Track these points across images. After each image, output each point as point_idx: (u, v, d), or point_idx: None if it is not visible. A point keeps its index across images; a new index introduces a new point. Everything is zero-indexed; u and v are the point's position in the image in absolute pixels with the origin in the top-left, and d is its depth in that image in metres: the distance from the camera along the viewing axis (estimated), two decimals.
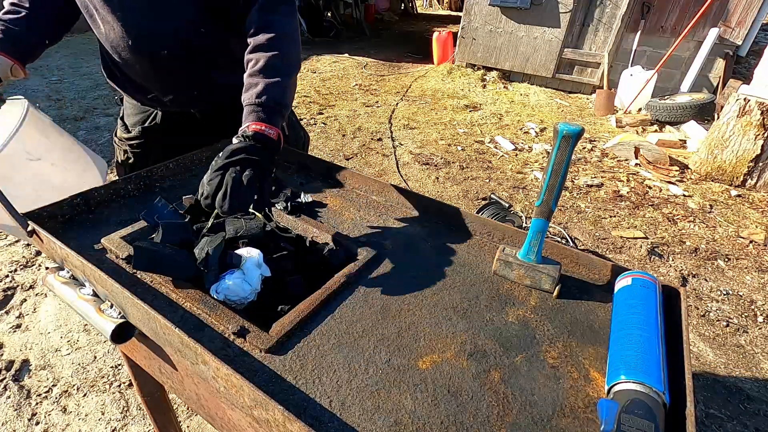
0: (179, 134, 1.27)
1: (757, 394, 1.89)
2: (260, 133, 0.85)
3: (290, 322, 0.68)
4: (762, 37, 6.80)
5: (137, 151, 1.30)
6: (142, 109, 1.27)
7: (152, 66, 1.12)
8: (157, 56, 1.09)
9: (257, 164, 0.80)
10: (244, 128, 0.87)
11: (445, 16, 12.42)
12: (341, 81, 5.98)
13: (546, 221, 0.79)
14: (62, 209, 0.90)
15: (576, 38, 5.46)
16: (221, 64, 1.16)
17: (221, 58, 1.16)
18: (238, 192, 0.75)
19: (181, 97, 1.20)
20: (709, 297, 2.41)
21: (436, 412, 0.58)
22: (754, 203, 3.35)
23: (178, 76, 1.15)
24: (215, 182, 0.76)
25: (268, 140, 0.85)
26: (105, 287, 0.70)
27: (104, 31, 1.07)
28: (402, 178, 3.51)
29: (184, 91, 1.19)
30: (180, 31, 1.07)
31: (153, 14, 1.04)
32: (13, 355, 1.89)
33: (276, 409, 0.51)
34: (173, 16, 1.05)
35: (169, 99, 1.20)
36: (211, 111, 1.26)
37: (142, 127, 1.27)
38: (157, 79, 1.16)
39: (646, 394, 0.55)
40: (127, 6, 1.02)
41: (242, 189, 0.76)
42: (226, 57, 1.14)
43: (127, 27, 1.04)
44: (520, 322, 0.74)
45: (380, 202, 1.07)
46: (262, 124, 0.87)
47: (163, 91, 1.18)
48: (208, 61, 1.15)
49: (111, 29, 1.06)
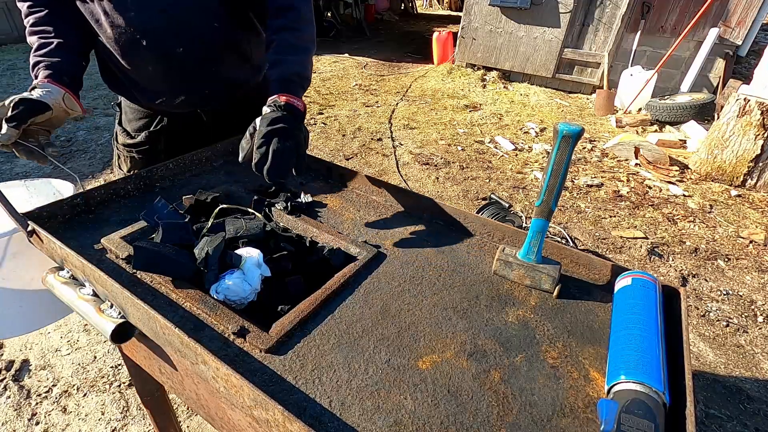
0: (186, 136, 1.26)
1: (757, 394, 1.89)
2: (290, 103, 0.94)
3: (290, 322, 0.68)
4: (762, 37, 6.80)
5: (143, 156, 1.28)
6: (144, 113, 1.26)
7: (166, 65, 1.11)
8: (172, 54, 1.09)
9: (293, 133, 0.89)
10: (275, 98, 0.95)
11: (445, 16, 12.42)
12: (341, 81, 5.98)
13: (546, 221, 0.79)
14: (62, 209, 0.90)
15: (576, 38, 5.46)
16: (231, 60, 1.17)
17: (232, 55, 1.17)
18: (285, 161, 0.86)
19: (192, 97, 1.19)
20: (709, 297, 2.41)
21: (436, 412, 0.58)
22: (754, 203, 3.35)
23: (191, 74, 1.15)
24: (262, 151, 0.85)
25: (296, 110, 0.95)
26: (105, 287, 0.70)
27: (113, 35, 1.05)
28: (402, 178, 3.51)
29: (196, 90, 1.18)
30: (195, 27, 1.08)
31: (170, 10, 1.03)
32: (13, 355, 1.89)
33: (276, 409, 0.51)
34: (191, 12, 1.06)
35: (180, 100, 1.19)
36: (218, 110, 1.26)
37: (149, 132, 1.26)
38: (168, 80, 1.15)
39: (646, 394, 0.55)
40: (143, 5, 1.01)
41: (285, 157, 0.86)
42: (236, 53, 1.16)
43: (142, 26, 1.03)
44: (520, 322, 0.74)
45: (380, 202, 1.07)
46: (289, 95, 0.96)
47: (175, 92, 1.17)
48: (220, 58, 1.16)
49: (121, 32, 1.04)
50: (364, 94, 5.47)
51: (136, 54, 1.08)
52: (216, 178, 1.13)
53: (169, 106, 1.21)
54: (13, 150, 0.95)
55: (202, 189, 1.01)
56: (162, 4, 1.02)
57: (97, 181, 3.29)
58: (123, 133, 1.30)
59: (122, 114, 1.30)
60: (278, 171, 0.86)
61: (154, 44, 1.06)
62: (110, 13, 1.02)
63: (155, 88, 1.17)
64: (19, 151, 0.95)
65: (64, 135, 3.92)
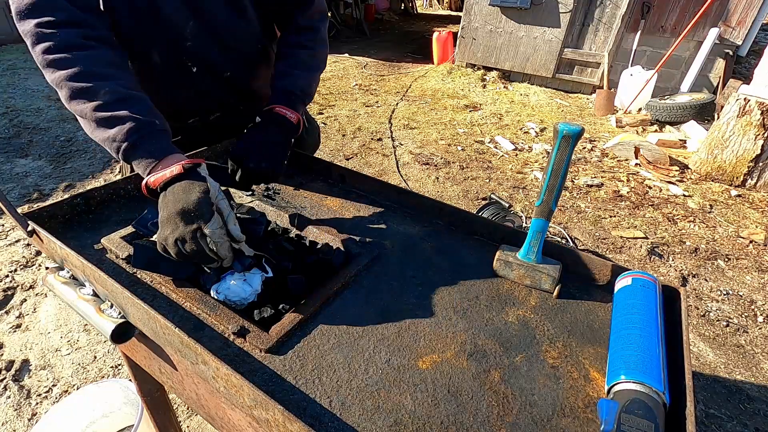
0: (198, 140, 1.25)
1: (757, 394, 1.89)
2: (282, 114, 0.97)
3: (290, 322, 0.68)
4: (762, 37, 6.80)
5: None
6: None
7: (210, 88, 1.11)
8: (219, 78, 1.10)
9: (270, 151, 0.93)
10: (268, 108, 0.98)
11: (445, 16, 12.42)
12: (341, 81, 5.98)
13: (546, 221, 0.78)
14: (62, 209, 0.90)
15: (576, 38, 5.46)
16: (265, 75, 1.18)
17: (267, 70, 1.18)
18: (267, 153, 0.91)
19: (226, 113, 1.20)
20: (709, 297, 2.41)
21: (436, 412, 0.58)
22: (754, 203, 3.35)
23: (232, 94, 1.16)
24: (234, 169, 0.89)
25: (287, 122, 0.98)
26: (105, 287, 0.70)
27: (159, 60, 1.00)
28: (402, 178, 3.51)
29: (232, 107, 1.19)
30: (245, 52, 1.11)
31: (225, 39, 1.04)
32: (13, 355, 1.89)
33: (276, 409, 0.51)
34: (242, 38, 1.08)
35: (215, 117, 1.19)
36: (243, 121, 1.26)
37: None
38: (208, 101, 1.15)
39: (646, 394, 0.55)
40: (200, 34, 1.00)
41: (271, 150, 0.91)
42: (269, 68, 1.18)
43: (198, 55, 1.03)
44: (520, 322, 0.74)
45: (380, 202, 1.07)
46: (285, 107, 0.99)
47: (210, 110, 1.18)
48: (259, 75, 1.18)
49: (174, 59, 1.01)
50: (364, 94, 5.47)
51: (183, 78, 1.06)
52: (216, 178, 1.13)
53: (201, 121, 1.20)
54: None
55: None
56: (219, 33, 1.02)
57: (97, 181, 3.29)
58: None
59: None
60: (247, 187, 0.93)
61: (205, 70, 1.06)
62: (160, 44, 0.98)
63: (190, 108, 1.16)
64: None
65: (64, 135, 3.92)
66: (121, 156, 0.77)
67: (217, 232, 0.69)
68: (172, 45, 0.99)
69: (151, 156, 0.76)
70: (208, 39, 1.02)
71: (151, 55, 0.99)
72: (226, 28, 1.03)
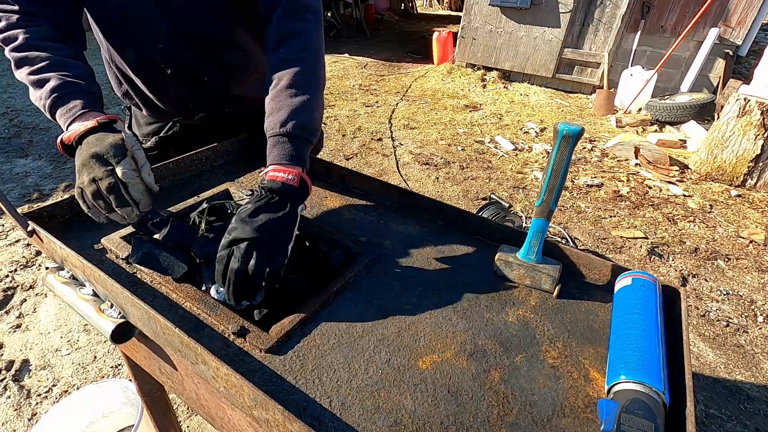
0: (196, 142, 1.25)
1: (757, 394, 1.89)
2: (278, 183, 0.75)
3: (290, 322, 0.68)
4: (762, 37, 6.80)
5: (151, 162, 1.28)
6: (157, 119, 1.25)
7: (190, 92, 1.10)
8: (197, 82, 1.08)
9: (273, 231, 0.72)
10: (262, 176, 0.78)
11: (445, 16, 12.42)
12: (341, 81, 5.98)
13: (546, 221, 0.78)
14: (62, 209, 0.90)
15: (576, 38, 5.46)
16: (252, 79, 1.17)
17: (253, 75, 1.16)
18: (242, 286, 0.69)
19: (212, 114, 1.19)
20: (709, 297, 2.41)
21: (436, 412, 0.58)
22: (754, 203, 3.35)
23: (213, 97, 1.14)
24: (220, 268, 0.69)
25: (289, 189, 0.76)
26: (105, 287, 0.70)
27: (134, 61, 1.02)
28: (402, 178, 3.51)
29: (217, 109, 1.18)
30: (226, 58, 1.07)
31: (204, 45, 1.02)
32: (13, 355, 1.89)
33: (276, 409, 0.51)
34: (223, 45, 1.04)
35: (199, 117, 1.19)
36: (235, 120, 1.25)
37: (159, 138, 1.25)
38: (189, 102, 1.14)
39: (646, 394, 0.55)
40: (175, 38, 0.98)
41: (248, 281, 0.68)
42: (257, 73, 1.15)
43: (172, 59, 1.02)
44: (520, 322, 0.74)
45: (380, 202, 1.07)
46: (282, 169, 0.77)
47: (194, 111, 1.17)
48: (243, 80, 1.15)
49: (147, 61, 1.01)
50: (364, 94, 5.47)
51: (160, 80, 1.06)
52: (216, 178, 1.13)
53: (187, 120, 1.21)
54: None
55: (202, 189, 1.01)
56: (197, 39, 1.00)
57: None
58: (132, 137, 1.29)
59: (132, 119, 1.29)
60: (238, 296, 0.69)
61: (180, 74, 1.05)
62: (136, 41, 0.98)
63: (174, 107, 1.16)
64: None
65: None
66: (48, 113, 0.83)
67: (129, 172, 0.73)
68: (144, 46, 0.99)
69: (69, 112, 0.80)
70: (182, 42, 1.00)
71: (126, 54, 1.02)
72: (201, 31, 1.00)
